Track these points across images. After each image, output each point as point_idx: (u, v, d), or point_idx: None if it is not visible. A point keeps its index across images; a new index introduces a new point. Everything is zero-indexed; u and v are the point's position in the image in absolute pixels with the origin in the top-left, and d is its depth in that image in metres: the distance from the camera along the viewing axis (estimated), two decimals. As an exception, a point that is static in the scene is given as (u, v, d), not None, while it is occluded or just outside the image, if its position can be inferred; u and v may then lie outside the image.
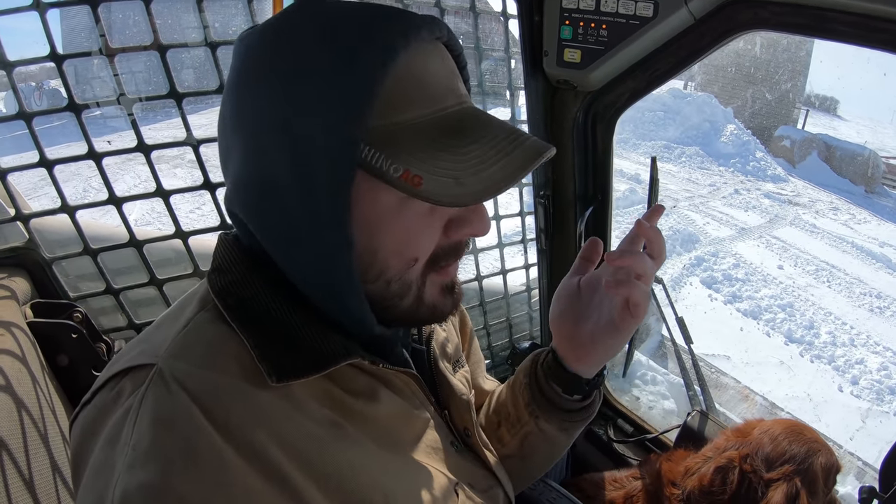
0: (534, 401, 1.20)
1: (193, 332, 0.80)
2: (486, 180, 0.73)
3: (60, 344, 1.51)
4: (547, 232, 2.09)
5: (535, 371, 1.23)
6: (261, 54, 0.78)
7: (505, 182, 0.73)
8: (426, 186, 0.72)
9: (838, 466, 1.46)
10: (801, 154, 19.94)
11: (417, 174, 0.72)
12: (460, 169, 0.73)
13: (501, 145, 0.76)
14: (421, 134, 0.75)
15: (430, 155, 0.73)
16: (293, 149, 0.74)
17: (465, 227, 0.85)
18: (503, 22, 1.87)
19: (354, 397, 0.86)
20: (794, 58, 22.84)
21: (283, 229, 0.79)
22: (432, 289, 0.88)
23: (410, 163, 0.72)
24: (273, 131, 0.75)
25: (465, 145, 0.75)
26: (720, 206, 14.91)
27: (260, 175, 0.78)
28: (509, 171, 0.74)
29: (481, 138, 0.77)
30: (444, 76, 0.80)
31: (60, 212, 1.54)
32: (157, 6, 1.47)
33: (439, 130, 0.76)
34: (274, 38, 0.78)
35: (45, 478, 1.23)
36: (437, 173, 0.72)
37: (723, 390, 5.11)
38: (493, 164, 0.74)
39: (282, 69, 0.75)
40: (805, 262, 11.92)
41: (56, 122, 2.22)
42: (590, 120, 1.80)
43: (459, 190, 0.72)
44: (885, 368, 8.27)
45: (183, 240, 1.71)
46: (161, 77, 1.55)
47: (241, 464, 0.69)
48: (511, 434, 1.25)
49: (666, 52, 1.54)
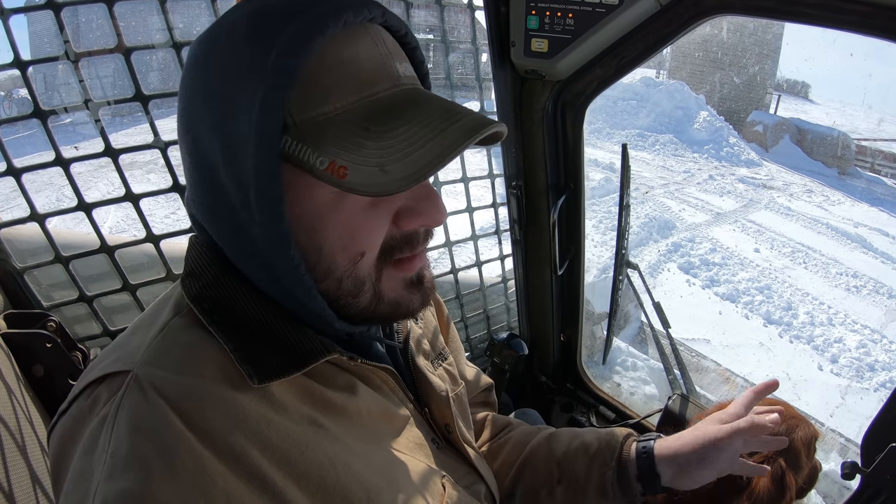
0: (611, 486, 1.22)
1: (169, 338, 0.79)
2: (412, 164, 0.69)
3: (35, 354, 1.49)
4: (520, 222, 2.10)
5: (621, 452, 1.25)
6: (199, 54, 0.78)
7: (433, 164, 0.69)
8: (352, 177, 0.69)
9: (816, 435, 1.47)
10: (773, 138, 20.17)
11: (343, 164, 0.69)
12: (386, 155, 0.70)
13: (434, 125, 0.72)
14: (349, 122, 0.72)
15: (356, 144, 0.71)
16: (225, 148, 0.73)
17: (415, 216, 0.82)
18: (470, 13, 1.87)
19: (334, 393, 0.86)
20: (763, 42, 23.05)
21: (229, 229, 0.79)
22: (392, 283, 0.85)
23: (337, 154, 0.70)
24: (210, 130, 0.75)
25: (391, 129, 0.72)
26: (695, 192, 15.04)
27: (203, 174, 0.78)
28: (438, 150, 0.70)
29: (412, 120, 0.73)
30: (375, 59, 0.76)
31: (30, 220, 1.52)
32: (120, 8, 1.46)
33: (367, 117, 0.73)
34: (210, 37, 0.78)
35: (26, 490, 1.22)
36: (363, 162, 0.69)
37: (704, 373, 5.17)
38: (421, 147, 0.70)
39: (214, 68, 0.75)
40: (781, 244, 12.07)
41: (25, 132, 2.19)
42: (559, 109, 1.81)
43: (384, 178, 0.69)
44: (864, 346, 8.41)
45: (154, 243, 1.70)
46: (127, 80, 1.53)
47: (220, 468, 0.69)
48: (566, 498, 1.27)
49: (633, 39, 1.55)
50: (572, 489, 1.26)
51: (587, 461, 1.27)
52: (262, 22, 0.74)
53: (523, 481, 1.32)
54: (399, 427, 0.99)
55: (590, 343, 3.03)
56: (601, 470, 1.24)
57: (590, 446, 1.29)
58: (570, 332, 2.34)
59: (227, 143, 0.73)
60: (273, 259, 0.76)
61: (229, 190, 0.75)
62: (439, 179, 2.09)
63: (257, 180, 0.71)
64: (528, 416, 2.17)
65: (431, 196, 0.82)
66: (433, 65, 1.01)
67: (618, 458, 1.24)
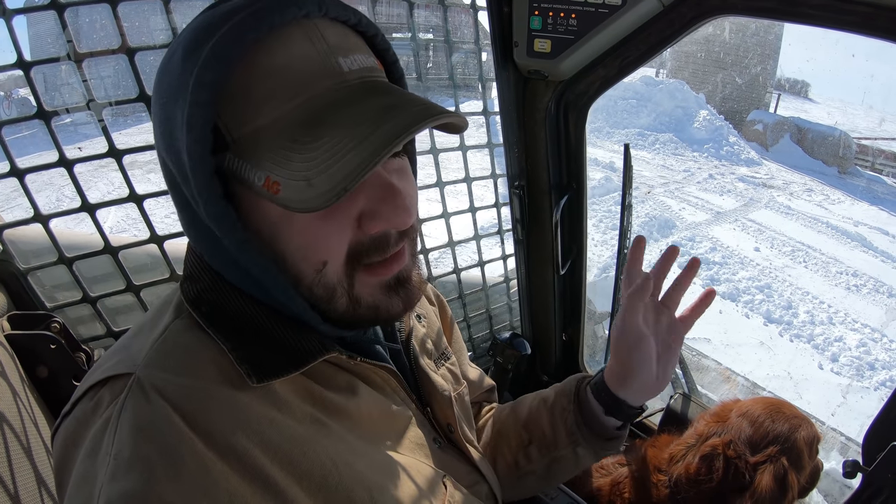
0: (577, 427, 1.22)
1: (170, 340, 0.80)
2: (335, 175, 0.66)
3: (39, 355, 1.49)
4: (523, 222, 2.10)
5: (577, 395, 1.24)
6: (157, 76, 0.78)
7: (353, 175, 0.66)
8: (284, 192, 0.68)
9: (818, 437, 1.48)
10: (773, 137, 20.13)
11: (276, 180, 0.69)
12: (312, 168, 0.67)
13: (359, 130, 0.69)
14: (282, 135, 0.70)
15: (285, 157, 0.69)
16: (177, 168, 0.75)
17: (376, 220, 0.78)
18: (472, 14, 1.87)
19: (335, 393, 0.87)
20: (764, 42, 23.02)
21: (205, 238, 0.80)
22: (367, 289, 0.83)
23: (271, 169, 0.69)
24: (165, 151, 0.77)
25: (317, 139, 0.69)
26: (695, 191, 15.02)
27: (173, 191, 0.81)
28: (357, 161, 0.66)
29: (339, 124, 0.70)
30: (312, 59, 0.73)
31: (33, 221, 1.52)
32: (124, 9, 1.46)
33: (298, 126, 0.70)
34: (164, 58, 0.79)
35: (31, 491, 1.22)
36: (291, 176, 0.68)
37: (704, 373, 5.15)
38: (342, 157, 0.67)
39: (162, 90, 0.76)
40: (781, 243, 12.05)
41: (26, 132, 2.19)
42: (562, 109, 1.81)
43: (311, 192, 0.67)
44: (864, 345, 8.40)
45: (158, 244, 1.70)
46: (130, 81, 1.53)
47: (223, 468, 0.70)
48: (542, 454, 1.27)
49: (636, 40, 1.55)
50: (544, 445, 1.27)
51: (548, 414, 1.27)
52: (194, 37, 0.72)
53: (501, 456, 1.33)
54: (401, 427, 1.00)
55: (591, 343, 3.02)
56: (563, 416, 1.24)
57: (547, 399, 1.30)
58: (572, 331, 2.34)
59: (176, 163, 0.74)
60: (247, 265, 0.77)
61: (189, 200, 0.77)
62: (441, 179, 2.08)
63: (201, 198, 0.72)
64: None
65: (391, 197, 0.78)
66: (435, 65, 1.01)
67: (575, 401, 1.24)
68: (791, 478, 1.37)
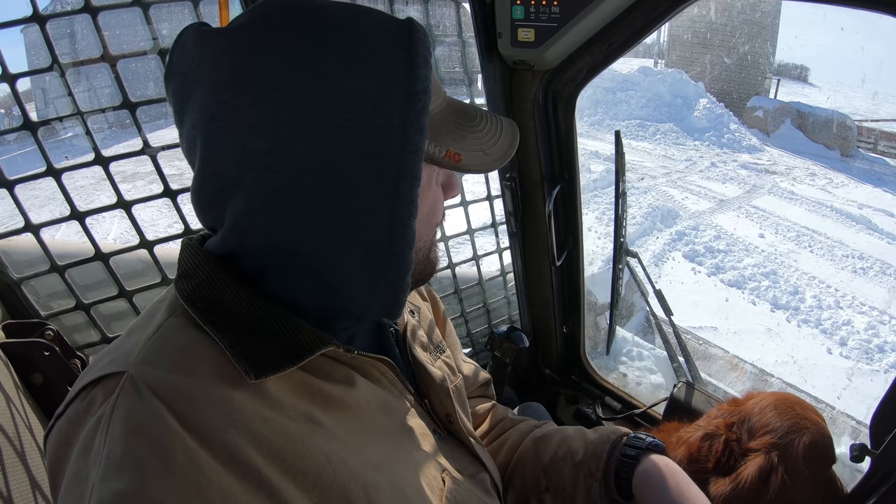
0: (600, 497, 1.20)
1: (164, 338, 0.79)
2: (501, 148, 0.95)
3: (34, 363, 1.50)
4: (516, 214, 2.09)
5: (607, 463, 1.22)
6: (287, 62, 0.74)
7: (511, 148, 0.96)
8: (465, 161, 0.90)
9: (826, 446, 1.40)
10: (774, 123, 20.09)
11: (457, 152, 0.89)
12: (484, 142, 0.93)
13: (493, 121, 0.96)
14: (447, 120, 0.91)
15: (460, 136, 0.91)
16: (361, 142, 0.76)
17: (450, 190, 1.01)
18: (455, 6, 1.87)
19: (333, 385, 0.86)
20: (761, 25, 22.96)
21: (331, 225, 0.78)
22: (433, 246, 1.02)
23: (451, 143, 0.89)
24: (333, 130, 0.75)
25: (477, 124, 0.94)
26: (698, 179, 15.00)
27: (315, 176, 0.76)
28: (508, 139, 0.96)
29: (482, 117, 0.96)
30: None
31: (24, 231, 1.53)
32: (104, 18, 1.46)
33: (454, 115, 0.93)
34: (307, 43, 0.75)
35: (25, 497, 1.22)
36: (469, 148, 0.91)
37: (712, 361, 5.15)
38: (499, 136, 0.95)
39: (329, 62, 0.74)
40: (786, 228, 12.03)
41: (29, 148, 2.21)
42: (550, 98, 1.80)
43: (488, 159, 0.93)
44: (872, 328, 8.39)
45: (148, 249, 1.70)
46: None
47: (216, 466, 0.69)
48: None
49: (621, 24, 1.54)
50: (560, 498, 1.25)
51: (573, 470, 1.25)
52: (386, 27, 0.77)
53: (513, 488, 1.32)
54: (399, 419, 0.99)
55: (593, 334, 3.02)
56: (587, 482, 1.22)
57: (576, 454, 1.27)
58: (572, 323, 2.34)
59: (360, 140, 0.76)
60: (403, 233, 0.80)
61: (363, 184, 0.77)
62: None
63: (409, 178, 0.79)
64: (533, 409, 2.15)
65: (455, 176, 1.02)
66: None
67: (604, 469, 1.21)
68: (777, 475, 1.33)
